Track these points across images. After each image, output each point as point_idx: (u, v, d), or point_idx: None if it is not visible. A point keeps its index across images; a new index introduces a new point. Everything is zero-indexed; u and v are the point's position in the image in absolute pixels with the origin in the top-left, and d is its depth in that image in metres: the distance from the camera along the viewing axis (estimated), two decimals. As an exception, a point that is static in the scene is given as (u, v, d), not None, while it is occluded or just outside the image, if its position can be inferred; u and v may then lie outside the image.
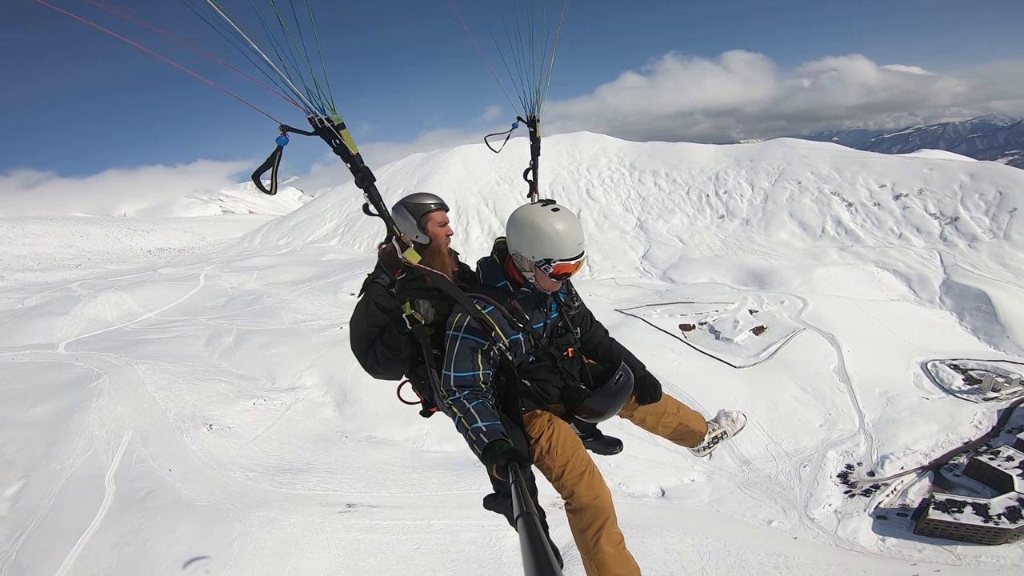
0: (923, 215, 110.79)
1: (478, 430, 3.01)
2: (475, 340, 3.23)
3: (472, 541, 33.11)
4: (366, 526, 32.81)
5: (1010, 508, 40.51)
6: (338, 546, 30.59)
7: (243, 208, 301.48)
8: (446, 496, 37.29)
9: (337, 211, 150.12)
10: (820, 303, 75.63)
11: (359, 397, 48.84)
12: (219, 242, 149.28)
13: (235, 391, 46.24)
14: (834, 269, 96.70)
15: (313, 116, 2.76)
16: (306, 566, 28.63)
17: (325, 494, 35.56)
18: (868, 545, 39.25)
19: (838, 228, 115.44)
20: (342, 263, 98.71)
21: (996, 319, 79.31)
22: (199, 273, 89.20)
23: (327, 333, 59.55)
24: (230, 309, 69.69)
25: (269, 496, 34.22)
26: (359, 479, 37.81)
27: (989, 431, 51.09)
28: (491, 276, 3.49)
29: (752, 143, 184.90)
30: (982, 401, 54.94)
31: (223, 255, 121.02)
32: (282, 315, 66.04)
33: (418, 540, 32.51)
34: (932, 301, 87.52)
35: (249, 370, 51.80)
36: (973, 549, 38.49)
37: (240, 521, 30.70)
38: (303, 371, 51.77)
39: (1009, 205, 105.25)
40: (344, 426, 45.76)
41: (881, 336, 67.57)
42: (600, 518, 3.31)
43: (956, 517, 39.82)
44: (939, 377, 59.01)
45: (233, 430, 41.26)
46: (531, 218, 3.23)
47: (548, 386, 3.52)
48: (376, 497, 36.27)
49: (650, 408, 4.05)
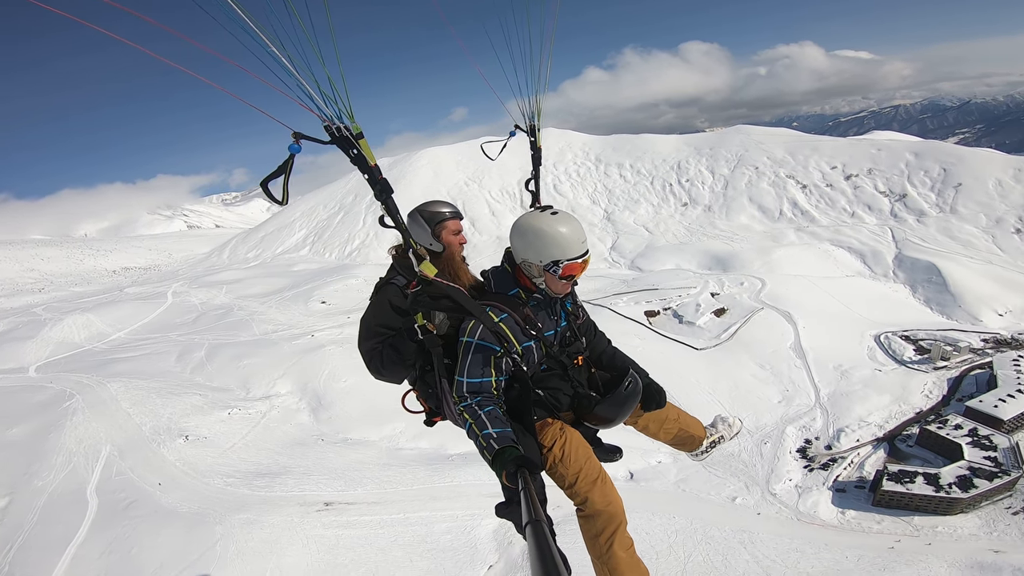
0: (873, 193, 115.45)
1: (488, 436, 3.01)
2: (489, 347, 3.27)
3: (447, 531, 34.17)
4: (343, 522, 33.56)
5: (961, 477, 41.77)
6: (317, 543, 31.35)
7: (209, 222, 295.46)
8: (421, 490, 38.21)
9: (306, 220, 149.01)
10: (777, 283, 78.54)
11: (333, 401, 49.52)
12: (186, 258, 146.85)
13: (209, 403, 46.62)
14: (792, 249, 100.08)
15: (330, 124, 2.75)
16: (287, 563, 29.44)
17: (303, 494, 36.23)
18: (828, 518, 40.78)
19: (794, 210, 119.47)
20: (313, 272, 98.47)
21: (947, 289, 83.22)
22: (167, 290, 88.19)
23: (299, 342, 59.95)
24: (200, 324, 69.48)
25: (248, 499, 34.85)
26: (336, 478, 38.54)
27: (940, 400, 53.14)
28: (503, 284, 3.55)
29: (714, 131, 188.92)
30: (932, 371, 57.32)
31: (191, 271, 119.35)
32: (253, 327, 66.13)
33: (395, 533, 33.39)
34: (886, 275, 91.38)
35: (223, 382, 52.08)
36: (930, 519, 39.84)
37: (221, 524, 31.37)
38: (277, 379, 52.22)
39: (953, 180, 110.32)
40: (320, 430, 46.38)
41: (836, 311, 70.49)
42: (613, 524, 3.39)
43: (909, 488, 41.07)
44: (891, 349, 61.73)
45: (210, 440, 41.73)
46: (534, 224, 3.35)
47: (559, 394, 3.57)
48: (353, 495, 37.02)
49: (653, 415, 4.15)
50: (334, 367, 54.27)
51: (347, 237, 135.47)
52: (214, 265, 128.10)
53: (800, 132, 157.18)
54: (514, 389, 3.41)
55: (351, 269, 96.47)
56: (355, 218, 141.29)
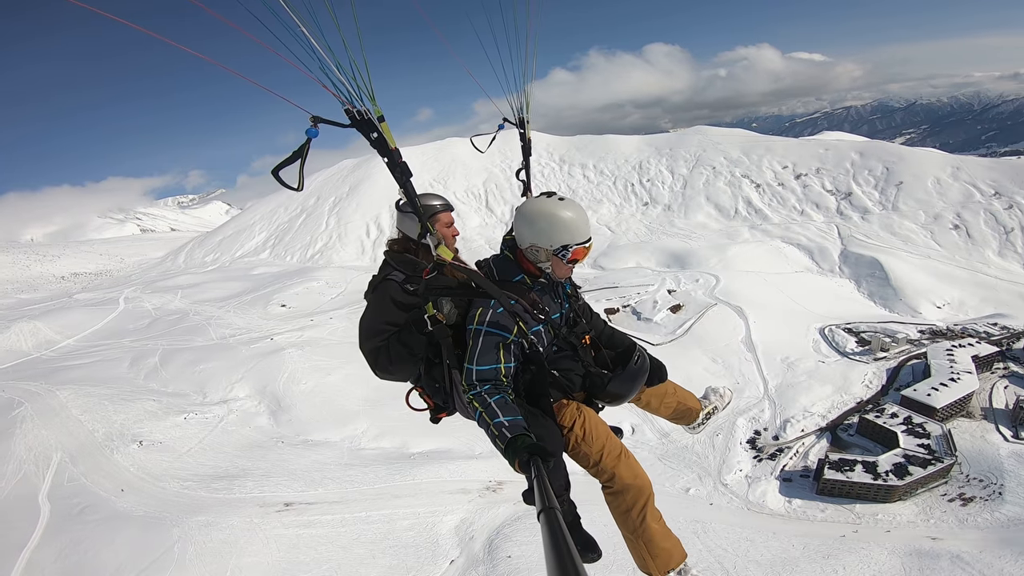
0: (821, 192, 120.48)
1: (500, 425, 2.95)
2: (498, 333, 3.22)
3: (409, 528, 34.76)
4: (304, 522, 33.82)
5: (896, 465, 43.52)
6: (277, 542, 31.57)
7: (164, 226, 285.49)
8: (383, 488, 38.58)
9: (266, 223, 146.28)
10: (731, 279, 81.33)
11: (293, 404, 49.43)
12: (139, 263, 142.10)
13: (164, 408, 45.94)
14: (745, 246, 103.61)
15: (351, 107, 2.70)
16: (247, 562, 29.60)
17: (262, 495, 36.29)
18: (776, 507, 42.43)
19: (748, 208, 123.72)
20: (273, 275, 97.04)
21: (888, 283, 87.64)
22: (119, 296, 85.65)
23: (257, 345, 59.38)
24: (154, 330, 67.97)
25: (206, 502, 34.75)
26: (296, 479, 38.62)
27: (879, 390, 55.69)
28: (507, 271, 3.52)
29: (675, 132, 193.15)
30: (872, 361, 60.24)
31: (144, 276, 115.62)
32: (209, 331, 65.10)
33: (357, 531, 33.80)
34: (832, 270, 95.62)
35: (178, 387, 51.31)
36: (870, 507, 41.54)
37: (178, 527, 31.32)
38: (234, 383, 51.71)
39: (895, 179, 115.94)
40: (279, 432, 46.22)
41: (784, 306, 73.51)
42: (643, 497, 3.41)
43: (848, 476, 42.67)
44: (835, 341, 64.81)
45: (165, 444, 41.23)
46: (544, 209, 3.33)
47: (571, 375, 3.55)
48: (313, 495, 37.21)
49: (655, 390, 4.20)
50: (294, 370, 54.06)
51: (309, 240, 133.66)
52: (169, 270, 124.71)
53: (755, 133, 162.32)
54: (530, 372, 3.37)
55: (312, 272, 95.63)
56: (317, 220, 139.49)
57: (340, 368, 55.20)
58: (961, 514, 40.24)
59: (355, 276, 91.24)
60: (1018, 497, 40.76)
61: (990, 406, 51.84)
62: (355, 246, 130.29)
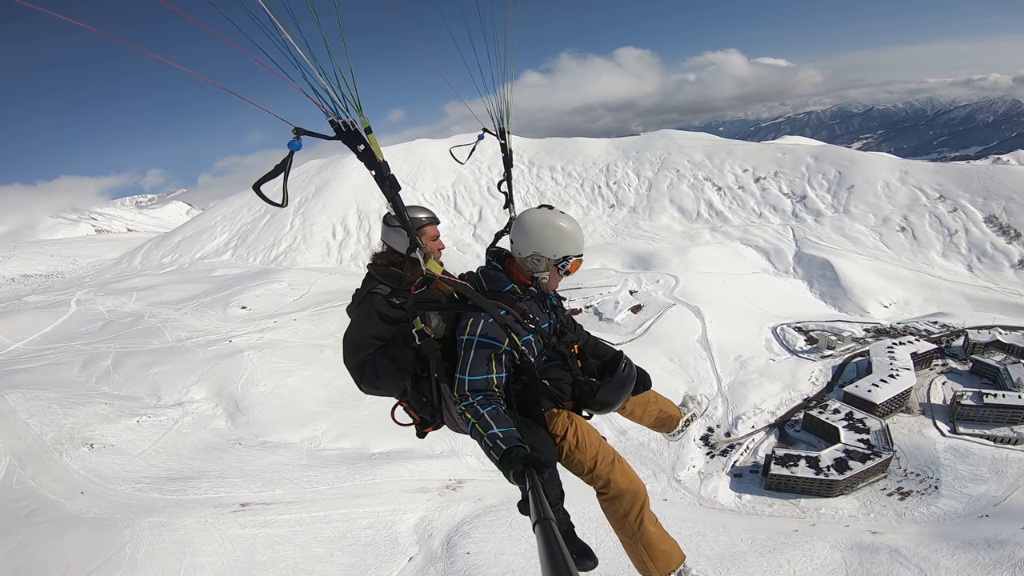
0: (778, 195, 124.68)
1: (494, 436, 2.92)
2: (490, 344, 3.21)
3: (368, 527, 35.00)
4: (261, 522, 33.79)
5: (838, 460, 45.10)
6: (233, 542, 31.48)
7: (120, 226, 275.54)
8: (342, 488, 38.76)
9: (228, 224, 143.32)
10: (690, 280, 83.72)
11: (251, 406, 49.11)
12: (93, 264, 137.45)
13: (116, 411, 45.07)
14: (706, 248, 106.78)
15: (335, 118, 2.63)
16: (201, 562, 29.50)
17: (217, 496, 36.08)
18: (726, 502, 43.89)
19: (710, 211, 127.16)
20: (234, 277, 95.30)
21: (839, 284, 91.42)
22: (70, 298, 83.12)
23: (215, 348, 58.61)
24: (107, 332, 66.31)
25: (158, 503, 34.44)
26: (253, 480, 38.50)
27: (824, 387, 57.88)
28: (496, 282, 3.53)
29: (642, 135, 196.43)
30: (820, 359, 62.67)
31: (98, 278, 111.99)
32: (165, 334, 63.90)
33: (315, 531, 33.91)
34: (787, 271, 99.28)
35: (131, 390, 50.36)
36: (814, 502, 43.03)
37: (130, 528, 31.02)
38: (190, 386, 51.00)
39: (847, 183, 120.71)
40: (237, 434, 45.86)
41: (740, 306, 76.09)
42: (639, 501, 3.44)
43: (793, 471, 44.15)
44: (785, 339, 67.31)
45: (116, 447, 40.55)
46: (550, 220, 3.38)
47: (561, 384, 3.55)
48: (271, 495, 37.17)
49: (638, 399, 4.23)
50: (253, 372, 53.65)
51: (273, 241, 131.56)
52: (124, 271, 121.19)
53: (717, 137, 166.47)
54: (521, 381, 3.36)
55: (275, 274, 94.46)
56: (281, 221, 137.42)
57: (301, 370, 55.04)
58: (899, 508, 41.87)
59: (319, 278, 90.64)
60: (953, 491, 42.67)
61: (928, 402, 54.28)
62: (320, 248, 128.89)
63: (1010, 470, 44.39)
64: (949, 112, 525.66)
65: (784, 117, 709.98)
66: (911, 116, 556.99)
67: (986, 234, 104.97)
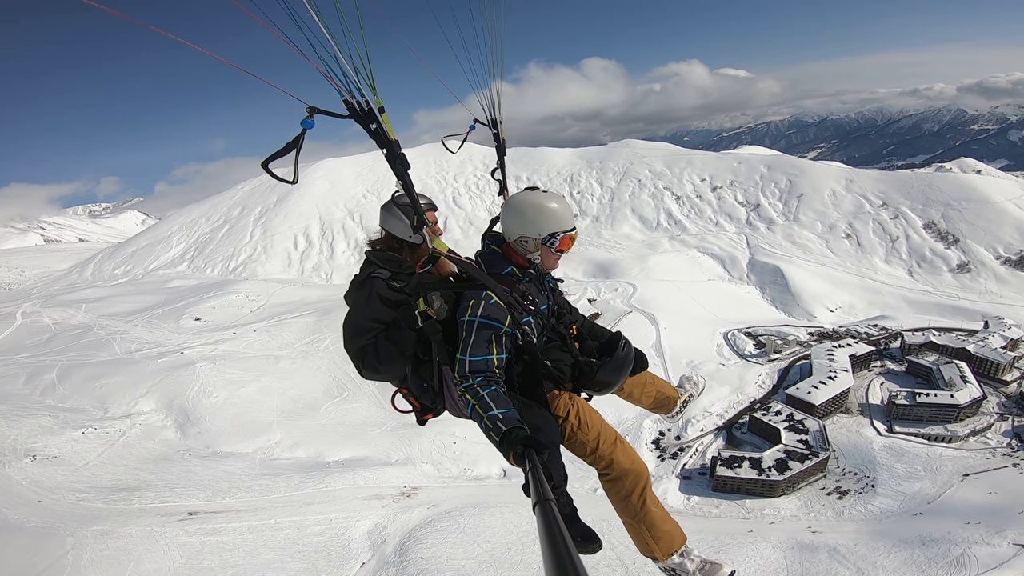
0: (734, 204, 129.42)
1: (494, 418, 2.93)
2: (492, 325, 3.21)
3: (320, 533, 34.95)
4: (209, 530, 33.55)
5: (778, 460, 46.20)
6: (180, 549, 31.19)
7: (71, 236, 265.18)
8: (294, 496, 38.77)
9: (185, 234, 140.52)
10: (647, 287, 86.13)
11: (202, 417, 48.65)
12: (41, 275, 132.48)
13: (60, 423, 44.10)
14: (665, 256, 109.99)
15: (350, 98, 2.67)
16: (146, 569, 29.18)
17: (164, 505, 35.77)
18: (675, 504, 44.71)
19: (669, 219, 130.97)
20: (189, 288, 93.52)
21: (788, 290, 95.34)
22: (16, 311, 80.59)
23: (166, 360, 57.69)
24: (53, 345, 64.57)
25: (102, 512, 33.92)
26: (202, 489, 38.23)
27: (770, 389, 59.71)
28: (496, 264, 3.54)
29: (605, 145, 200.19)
30: (767, 362, 65.05)
31: (46, 289, 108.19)
32: (114, 346, 62.57)
33: (265, 538, 33.77)
34: (741, 278, 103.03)
35: (77, 403, 49.30)
36: (758, 502, 44.18)
37: (72, 536, 30.40)
38: (139, 398, 50.14)
39: (797, 191, 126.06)
40: (187, 445, 45.37)
41: (695, 312, 78.64)
42: (641, 481, 3.44)
43: (737, 472, 45.25)
44: (735, 344, 69.75)
45: (60, 459, 39.74)
46: (532, 200, 3.39)
47: (561, 365, 3.55)
48: (220, 504, 36.96)
49: (636, 380, 4.26)
50: (205, 383, 53.08)
51: (232, 252, 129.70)
52: (74, 283, 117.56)
53: (677, 147, 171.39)
54: (523, 362, 3.39)
55: (232, 284, 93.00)
56: (241, 231, 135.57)
57: (255, 380, 54.75)
58: (838, 507, 43.32)
59: (278, 289, 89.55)
60: (889, 489, 44.40)
61: (867, 402, 56.58)
62: (281, 258, 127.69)
63: (944, 468, 46.44)
64: (898, 121, 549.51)
65: (745, 127, 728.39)
66: (863, 126, 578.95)
67: (925, 240, 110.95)
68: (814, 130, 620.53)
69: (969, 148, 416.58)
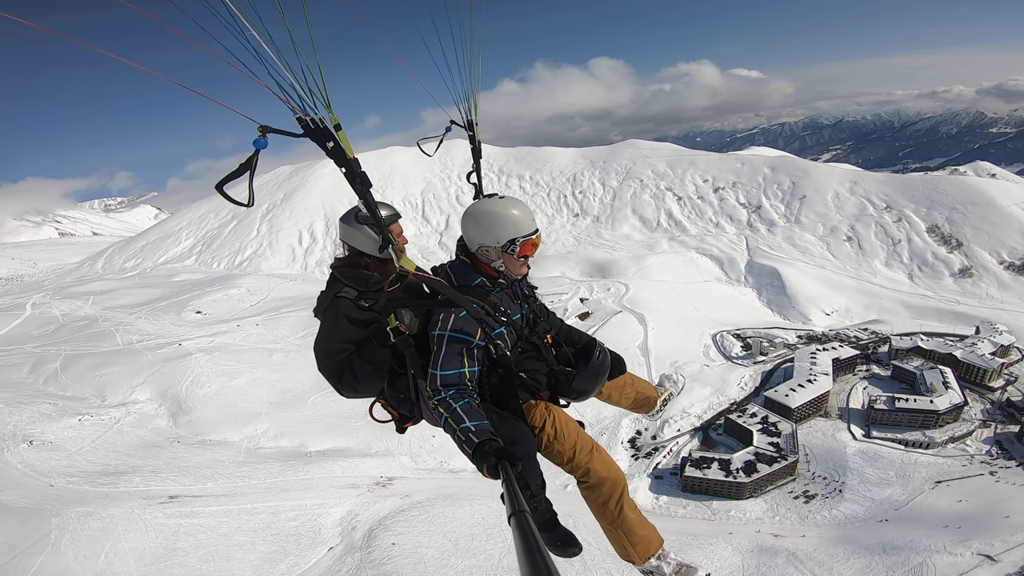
0: (735, 205, 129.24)
1: (467, 430, 2.91)
2: (462, 338, 3.18)
3: (294, 518, 36.78)
4: (187, 512, 35.44)
5: (747, 462, 46.01)
6: (157, 530, 33.17)
7: (85, 230, 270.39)
8: (273, 483, 40.49)
9: (194, 229, 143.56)
10: (640, 288, 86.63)
11: (194, 406, 50.60)
12: (54, 268, 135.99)
13: (59, 411, 46.31)
14: (663, 257, 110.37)
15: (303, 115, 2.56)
16: (123, 548, 31.26)
17: (147, 489, 37.63)
18: (644, 503, 45.06)
19: (670, 220, 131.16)
20: (194, 283, 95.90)
21: (784, 292, 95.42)
22: (26, 302, 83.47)
23: (164, 351, 59.78)
24: (59, 336, 67.06)
25: (88, 495, 35.99)
26: (186, 475, 40.04)
27: (752, 391, 59.51)
28: (465, 276, 3.47)
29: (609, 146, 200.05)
30: (752, 364, 65.06)
31: (57, 282, 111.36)
32: (117, 337, 64.81)
33: (240, 521, 35.63)
34: (738, 280, 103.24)
35: (77, 391, 51.56)
36: (725, 504, 44.32)
37: (57, 516, 32.60)
38: (135, 387, 52.32)
39: (800, 193, 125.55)
40: (178, 433, 47.36)
41: (686, 313, 79.07)
42: (618, 488, 3.47)
43: (705, 473, 45.17)
44: (723, 346, 69.98)
45: (56, 444, 41.97)
46: (486, 208, 3.34)
47: (537, 375, 3.52)
48: (201, 488, 38.77)
49: (615, 383, 4.22)
50: (199, 373, 55.07)
51: (238, 247, 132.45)
52: (85, 275, 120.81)
53: (681, 147, 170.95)
54: (497, 375, 3.33)
55: (235, 279, 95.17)
56: (248, 227, 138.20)
57: (248, 372, 56.58)
58: (803, 511, 43.44)
59: (278, 284, 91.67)
60: (857, 495, 44.44)
61: (847, 406, 56.21)
62: (286, 254, 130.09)
63: (917, 474, 46.35)
64: (915, 124, 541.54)
65: (758, 128, 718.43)
66: (879, 128, 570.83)
67: (928, 243, 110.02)
68: (829, 132, 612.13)
69: (987, 151, 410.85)
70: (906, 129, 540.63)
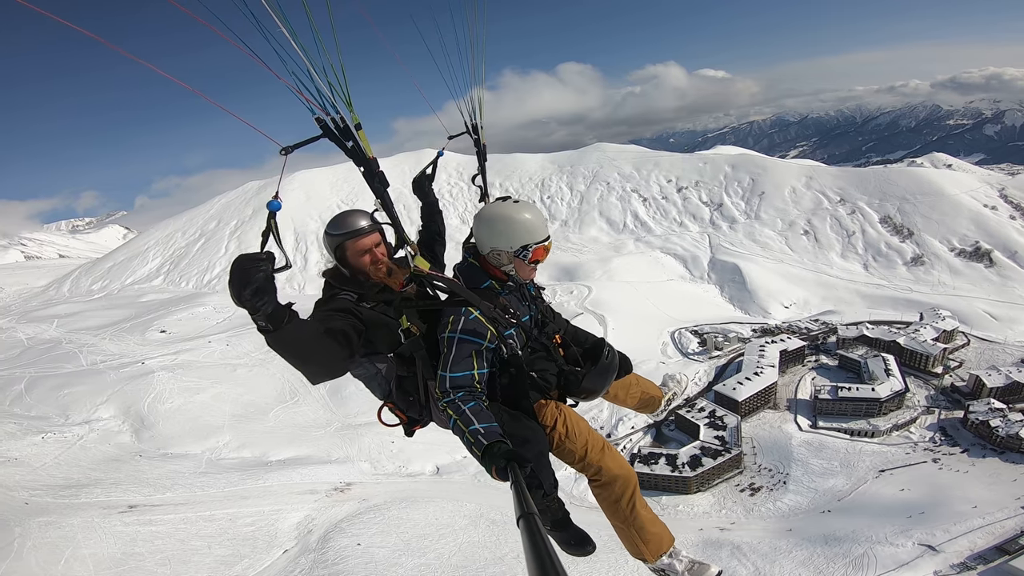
0: (698, 204, 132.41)
1: (476, 432, 2.86)
2: (472, 340, 3.14)
3: (251, 524, 37.42)
4: (145, 520, 36.05)
5: (693, 457, 46.70)
6: (116, 538, 33.80)
7: (51, 252, 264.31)
8: (232, 492, 41.20)
9: (161, 248, 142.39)
10: (602, 289, 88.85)
11: (156, 421, 51.25)
12: (19, 291, 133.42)
13: (23, 429, 46.83)
14: (628, 258, 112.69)
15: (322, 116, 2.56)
16: (83, 553, 31.96)
17: (107, 500, 38.22)
18: (594, 501, 46.19)
19: (635, 221, 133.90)
20: (161, 302, 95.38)
21: (745, 288, 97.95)
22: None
23: (127, 369, 60.08)
24: (24, 358, 66.78)
25: (50, 507, 36.60)
26: (146, 486, 40.64)
27: (705, 386, 60.51)
28: (474, 278, 3.44)
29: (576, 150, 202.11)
30: (707, 360, 66.83)
31: (23, 305, 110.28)
32: (81, 358, 64.85)
33: (197, 528, 36.29)
34: (702, 277, 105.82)
35: (41, 411, 51.95)
36: (674, 499, 45.07)
37: (20, 526, 33.28)
38: (99, 405, 52.77)
39: (759, 189, 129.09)
40: (140, 447, 47.94)
41: (646, 312, 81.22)
42: (630, 485, 3.49)
43: (653, 468, 45.87)
44: (680, 343, 72.14)
45: (20, 460, 42.45)
46: (501, 212, 3.31)
47: (547, 374, 3.51)
48: (160, 498, 39.39)
49: (621, 382, 4.22)
50: (161, 390, 55.58)
51: (207, 265, 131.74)
52: (51, 299, 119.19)
53: (646, 149, 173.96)
54: (508, 375, 3.35)
55: (201, 298, 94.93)
56: (217, 244, 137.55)
57: (211, 388, 57.18)
58: (748, 504, 44.54)
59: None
60: (801, 486, 45.47)
61: (795, 397, 57.50)
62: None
63: (861, 463, 47.56)
64: (876, 119, 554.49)
65: (729, 127, 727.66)
66: (842, 124, 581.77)
67: (881, 234, 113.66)
68: (796, 129, 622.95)
69: (946, 143, 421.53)
70: (868, 124, 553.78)
